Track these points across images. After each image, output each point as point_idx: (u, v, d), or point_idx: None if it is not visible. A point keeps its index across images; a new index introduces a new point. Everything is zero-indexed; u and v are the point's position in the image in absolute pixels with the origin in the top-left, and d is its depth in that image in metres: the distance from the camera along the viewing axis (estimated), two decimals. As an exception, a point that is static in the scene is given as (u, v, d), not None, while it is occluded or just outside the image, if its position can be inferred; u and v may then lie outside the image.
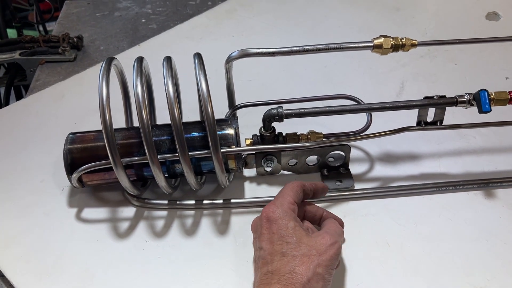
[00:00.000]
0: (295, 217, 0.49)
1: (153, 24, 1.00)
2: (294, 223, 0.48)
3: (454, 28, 0.97)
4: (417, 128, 0.61)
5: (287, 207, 0.49)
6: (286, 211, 0.49)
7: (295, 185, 0.53)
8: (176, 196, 0.62)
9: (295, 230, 0.47)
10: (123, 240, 0.56)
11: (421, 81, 0.83)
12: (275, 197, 0.52)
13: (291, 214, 0.49)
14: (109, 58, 0.55)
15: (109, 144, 0.50)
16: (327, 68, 0.86)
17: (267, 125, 0.60)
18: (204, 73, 0.53)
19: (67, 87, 0.81)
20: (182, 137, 0.51)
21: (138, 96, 0.50)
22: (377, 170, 0.67)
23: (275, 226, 0.47)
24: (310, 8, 1.03)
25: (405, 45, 0.58)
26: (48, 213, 0.59)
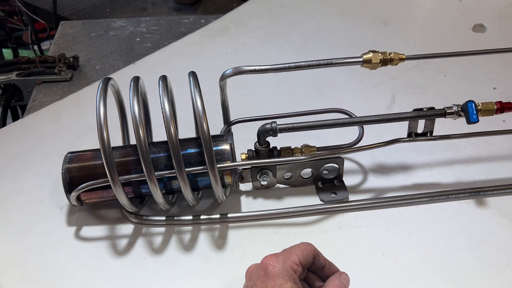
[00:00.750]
0: (295, 278, 0.45)
1: (148, 43, 1.02)
2: (292, 285, 0.44)
3: (442, 41, 0.99)
4: (408, 140, 0.63)
5: (289, 265, 0.45)
6: (287, 270, 0.45)
7: (308, 248, 0.48)
8: (173, 212, 0.63)
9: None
10: (122, 257, 0.57)
11: (411, 93, 0.85)
12: (283, 251, 0.48)
13: (291, 275, 0.45)
14: (106, 78, 0.56)
15: (107, 162, 0.51)
16: (319, 83, 0.88)
17: (262, 140, 0.61)
18: (199, 91, 0.54)
19: (64, 107, 0.82)
20: (179, 153, 0.52)
21: (135, 114, 0.52)
22: (371, 181, 0.68)
23: (271, 283, 0.44)
24: (301, 24, 1.06)
25: (393, 60, 0.59)
26: (47, 232, 0.60)
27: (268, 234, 0.60)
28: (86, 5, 1.32)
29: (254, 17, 1.09)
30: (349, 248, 0.58)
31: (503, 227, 0.60)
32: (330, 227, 0.61)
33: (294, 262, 0.46)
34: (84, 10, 1.29)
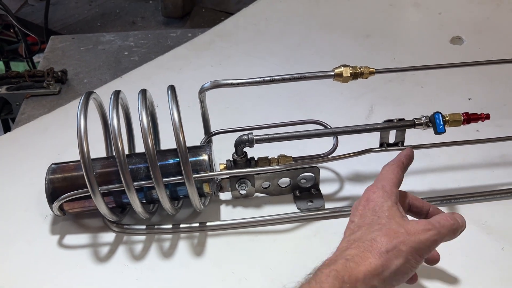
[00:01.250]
0: (396, 200, 0.49)
1: (135, 56, 1.05)
2: (392, 203, 0.47)
3: (421, 53, 1.02)
4: (380, 149, 0.65)
5: (389, 189, 0.49)
6: (387, 192, 0.48)
7: (394, 168, 0.52)
8: (154, 221, 0.65)
9: (390, 209, 0.47)
10: (103, 264, 0.59)
11: (389, 104, 0.88)
12: (376, 180, 0.52)
13: (391, 196, 0.48)
14: (87, 93, 0.59)
15: (87, 173, 0.53)
16: (300, 95, 0.91)
17: (239, 150, 0.63)
18: (176, 105, 0.57)
19: (52, 120, 0.84)
20: (156, 164, 0.54)
21: (114, 127, 0.54)
22: (347, 189, 0.70)
23: (371, 204, 0.48)
24: (284, 37, 1.09)
25: (363, 73, 0.62)
26: (30, 241, 0.62)
27: (246, 241, 0.62)
28: (77, 19, 1.35)
29: (239, 30, 1.12)
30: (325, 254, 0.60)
31: (473, 234, 0.62)
32: (306, 234, 0.63)
33: (393, 186, 0.50)
34: (75, 24, 1.33)
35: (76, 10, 1.39)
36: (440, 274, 0.57)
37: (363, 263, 0.42)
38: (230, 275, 0.58)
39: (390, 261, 0.43)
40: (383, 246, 0.43)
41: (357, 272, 0.42)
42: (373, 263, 0.42)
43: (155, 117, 0.68)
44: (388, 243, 0.43)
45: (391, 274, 0.43)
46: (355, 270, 0.42)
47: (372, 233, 0.44)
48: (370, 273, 0.42)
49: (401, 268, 0.43)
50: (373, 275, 0.42)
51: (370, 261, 0.43)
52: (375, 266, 0.42)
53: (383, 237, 0.43)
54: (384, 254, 0.43)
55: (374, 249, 0.43)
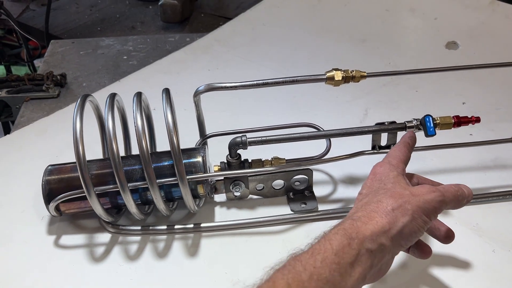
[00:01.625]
0: (402, 172, 0.51)
1: (134, 61, 1.06)
2: (398, 173, 0.50)
3: (416, 57, 1.03)
4: (371, 152, 0.66)
5: (395, 163, 0.52)
6: (393, 165, 0.51)
7: (401, 147, 0.55)
8: (149, 221, 0.66)
9: (396, 177, 0.49)
10: (98, 264, 0.60)
11: (384, 108, 0.89)
12: (384, 158, 0.54)
13: (397, 168, 0.51)
14: (84, 95, 0.60)
15: (82, 174, 0.54)
16: (295, 98, 0.92)
17: (233, 152, 0.64)
18: (170, 107, 0.58)
19: (50, 123, 0.85)
20: (150, 165, 0.55)
21: (109, 129, 0.55)
22: (340, 191, 0.71)
23: (378, 175, 0.51)
24: (280, 42, 1.10)
25: (355, 77, 0.63)
26: (27, 241, 0.63)
27: (239, 242, 0.63)
28: (77, 24, 1.36)
29: (237, 35, 1.13)
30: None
31: (464, 236, 0.63)
32: (299, 236, 0.64)
33: (399, 161, 0.52)
34: (75, 29, 1.34)
35: (77, 15, 1.40)
36: (431, 275, 0.58)
37: (370, 222, 0.44)
38: (223, 276, 0.59)
39: (397, 218, 0.44)
40: (388, 205, 0.45)
41: (364, 230, 0.43)
42: (379, 222, 0.44)
43: (151, 119, 0.69)
44: (394, 203, 0.45)
45: (398, 231, 0.44)
46: (362, 228, 0.44)
47: (378, 196, 0.46)
48: (377, 230, 0.44)
49: (409, 225, 0.44)
50: (380, 233, 0.44)
51: (377, 220, 0.44)
52: (382, 224, 0.44)
53: (389, 199, 0.45)
54: (390, 212, 0.44)
55: (380, 209, 0.45)
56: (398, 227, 0.44)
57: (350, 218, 0.46)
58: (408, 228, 0.45)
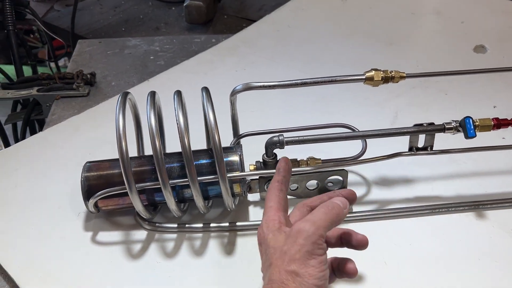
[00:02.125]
0: (278, 227, 0.47)
1: (161, 61, 1.06)
2: (273, 233, 0.47)
3: (444, 61, 1.03)
4: (409, 154, 0.66)
5: (268, 219, 0.48)
6: (268, 225, 0.48)
7: (272, 193, 0.52)
8: (184, 220, 0.66)
9: (272, 239, 0.46)
10: (135, 260, 0.60)
11: (414, 111, 0.88)
12: (262, 214, 0.51)
13: (272, 226, 0.48)
14: (124, 93, 0.60)
15: (125, 170, 0.55)
16: (325, 99, 0.91)
17: (269, 152, 0.64)
18: (211, 105, 0.58)
19: (82, 121, 0.86)
20: (192, 163, 0.55)
21: (152, 126, 0.55)
22: (374, 193, 0.71)
23: (263, 246, 0.48)
24: (306, 44, 1.10)
25: (394, 77, 0.63)
26: (65, 237, 0.63)
27: (275, 242, 0.63)
28: (102, 24, 1.38)
29: (262, 37, 1.13)
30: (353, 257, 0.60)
31: (501, 239, 0.63)
32: (334, 237, 0.64)
33: (274, 213, 0.49)
34: (100, 29, 1.35)
35: (101, 15, 1.42)
36: (469, 279, 0.58)
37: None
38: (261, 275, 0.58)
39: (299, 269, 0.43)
40: (277, 281, 0.43)
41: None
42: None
43: (187, 118, 0.69)
44: (279, 275, 0.43)
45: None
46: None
47: (266, 275, 0.45)
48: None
49: (309, 271, 0.43)
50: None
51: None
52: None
53: (274, 272, 0.44)
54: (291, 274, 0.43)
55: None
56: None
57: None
58: (309, 272, 0.43)
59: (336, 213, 0.48)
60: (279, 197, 0.51)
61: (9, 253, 0.61)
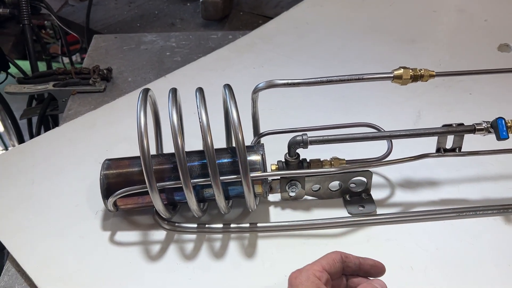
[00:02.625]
0: (319, 284, 0.46)
1: (178, 57, 1.05)
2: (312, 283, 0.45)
3: (467, 60, 1.00)
4: (436, 155, 0.64)
5: (311, 273, 0.47)
6: (309, 277, 0.46)
7: (333, 255, 0.49)
8: (204, 220, 0.64)
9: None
10: (155, 262, 0.59)
11: (437, 110, 0.86)
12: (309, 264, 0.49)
13: (313, 281, 0.46)
14: (145, 89, 0.59)
15: (146, 169, 0.53)
16: (345, 98, 0.89)
17: (292, 152, 0.63)
18: (234, 103, 0.56)
19: (98, 116, 0.85)
20: (214, 162, 0.54)
21: (174, 124, 0.54)
22: (398, 195, 0.69)
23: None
24: (325, 41, 1.08)
25: (423, 76, 0.61)
26: (83, 236, 0.62)
27: (297, 244, 0.61)
28: (117, 20, 1.36)
29: (280, 33, 1.11)
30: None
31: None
32: (358, 240, 0.62)
33: (317, 270, 0.47)
34: (115, 24, 1.34)
35: (116, 11, 1.40)
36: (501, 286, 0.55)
37: None
38: (283, 278, 0.57)
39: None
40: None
41: None
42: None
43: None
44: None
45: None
46: None
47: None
48: None
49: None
50: None
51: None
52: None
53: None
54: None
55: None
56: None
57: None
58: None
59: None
60: (335, 265, 0.49)
61: (27, 252, 0.60)
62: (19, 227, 0.63)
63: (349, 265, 0.50)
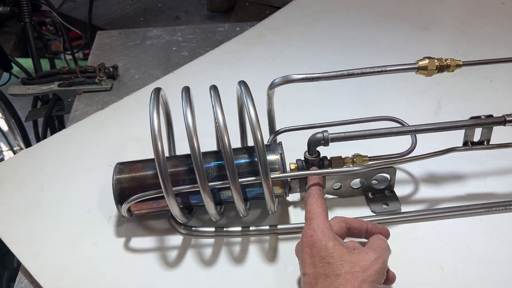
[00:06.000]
0: (334, 235, 0.49)
1: (185, 52, 1.02)
2: (334, 242, 0.47)
3: (486, 45, 0.96)
4: (464, 148, 0.61)
5: (323, 226, 0.49)
6: (324, 231, 0.48)
7: (317, 199, 0.53)
8: (221, 223, 0.62)
9: (335, 249, 0.47)
10: (173, 269, 0.56)
11: (458, 100, 0.82)
12: (307, 219, 0.51)
13: (329, 234, 0.48)
14: (156, 89, 0.56)
15: (162, 173, 0.50)
16: (361, 90, 0.86)
17: (312, 150, 0.60)
18: (251, 100, 0.53)
19: (106, 116, 0.82)
20: (233, 165, 0.51)
21: (189, 125, 0.51)
22: (422, 191, 0.66)
23: (315, 250, 0.47)
24: (337, 30, 1.04)
25: (450, 66, 0.57)
26: (96, 243, 0.59)
27: (320, 246, 0.59)
28: (120, 14, 1.33)
29: (290, 24, 1.08)
30: (406, 262, 0.56)
31: None
32: (384, 239, 0.59)
33: (323, 221, 0.50)
34: (118, 19, 1.31)
35: (118, 5, 1.37)
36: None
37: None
38: (308, 283, 0.54)
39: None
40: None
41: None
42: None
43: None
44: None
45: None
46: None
47: (332, 285, 0.44)
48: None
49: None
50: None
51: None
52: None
53: (345, 285, 0.44)
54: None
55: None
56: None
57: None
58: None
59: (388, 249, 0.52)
60: (324, 205, 0.53)
61: (40, 263, 0.57)
62: (29, 236, 0.61)
63: (354, 229, 0.53)
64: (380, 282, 0.46)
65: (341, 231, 0.52)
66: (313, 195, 0.54)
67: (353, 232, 0.54)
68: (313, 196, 0.54)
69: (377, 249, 0.48)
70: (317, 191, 0.55)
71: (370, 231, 0.54)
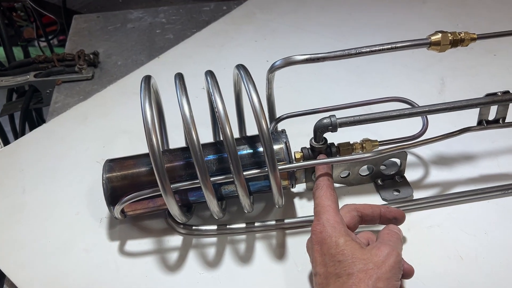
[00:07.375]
0: (345, 230, 0.45)
1: (170, 34, 0.95)
2: (345, 238, 0.44)
3: (487, 17, 0.92)
4: (479, 128, 0.57)
5: (333, 220, 0.45)
6: (334, 226, 0.45)
7: (326, 191, 0.49)
8: (223, 220, 0.57)
9: (346, 245, 0.43)
10: (174, 273, 0.51)
11: (462, 76, 0.79)
12: (316, 214, 0.47)
13: (340, 229, 0.45)
14: (147, 77, 0.50)
15: (158, 170, 0.45)
16: (360, 69, 0.82)
17: (319, 136, 0.55)
18: (253, 85, 0.48)
19: (90, 108, 0.76)
20: (237, 158, 0.46)
21: (186, 115, 0.46)
22: (433, 175, 0.62)
23: (325, 247, 0.44)
24: (332, 6, 0.99)
25: (464, 40, 0.53)
26: (88, 249, 0.54)
27: (331, 239, 0.55)
28: (97, -3, 1.25)
29: (281, 1, 1.02)
30: (423, 252, 0.53)
31: None
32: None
33: (336, 215, 0.46)
34: (94, 2, 1.22)
35: (94, -13, 1.28)
36: None
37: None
38: (322, 281, 0.50)
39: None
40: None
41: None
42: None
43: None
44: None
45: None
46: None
47: (344, 285, 0.41)
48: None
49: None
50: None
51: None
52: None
53: (359, 285, 0.40)
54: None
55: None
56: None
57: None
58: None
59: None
60: (334, 196, 0.49)
61: (26, 274, 0.51)
62: (12, 245, 0.55)
63: (366, 216, 0.50)
64: (397, 278, 0.42)
65: (353, 221, 0.48)
66: (321, 187, 0.50)
67: (366, 219, 0.50)
68: (321, 188, 0.50)
69: (388, 242, 0.45)
70: (326, 181, 0.51)
71: (384, 216, 0.50)
